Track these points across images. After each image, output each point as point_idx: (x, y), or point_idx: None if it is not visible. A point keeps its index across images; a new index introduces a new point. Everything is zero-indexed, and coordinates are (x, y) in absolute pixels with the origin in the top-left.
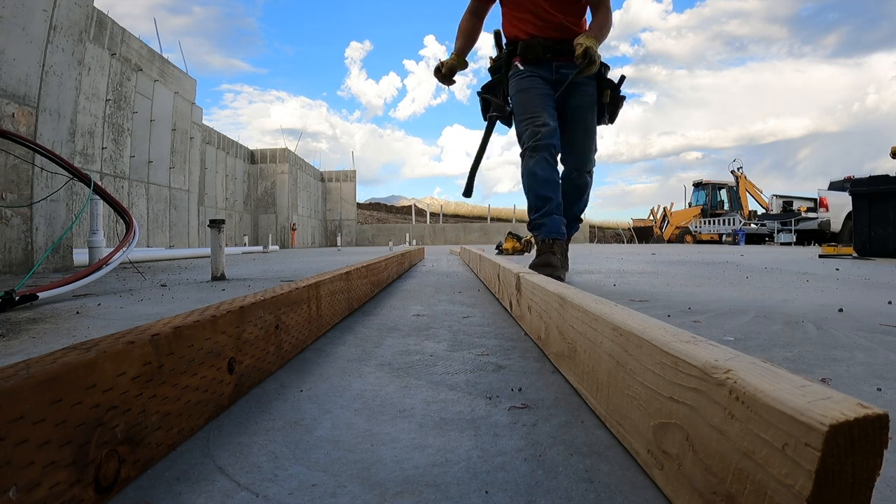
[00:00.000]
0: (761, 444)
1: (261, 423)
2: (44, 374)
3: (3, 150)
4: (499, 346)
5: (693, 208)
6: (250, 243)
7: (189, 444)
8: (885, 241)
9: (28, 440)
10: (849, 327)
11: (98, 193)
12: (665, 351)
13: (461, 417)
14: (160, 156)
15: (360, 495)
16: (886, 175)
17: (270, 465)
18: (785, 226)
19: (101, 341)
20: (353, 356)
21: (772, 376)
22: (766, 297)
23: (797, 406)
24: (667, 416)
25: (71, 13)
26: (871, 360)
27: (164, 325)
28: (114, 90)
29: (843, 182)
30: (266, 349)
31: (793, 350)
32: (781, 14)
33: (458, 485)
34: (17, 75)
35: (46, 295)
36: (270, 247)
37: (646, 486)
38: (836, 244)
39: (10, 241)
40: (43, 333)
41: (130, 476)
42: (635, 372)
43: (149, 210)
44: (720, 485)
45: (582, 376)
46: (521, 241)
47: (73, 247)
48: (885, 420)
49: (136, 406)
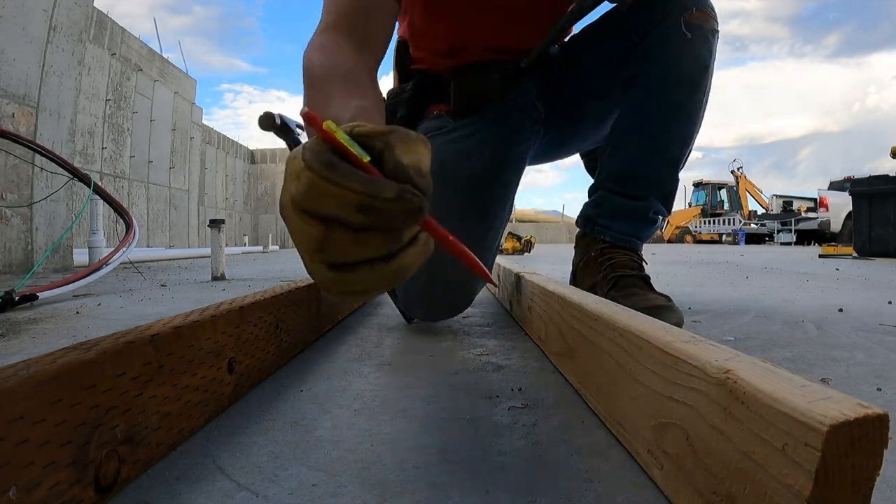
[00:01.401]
0: (761, 443)
1: (261, 423)
2: (44, 374)
3: (3, 150)
4: (499, 346)
5: (693, 208)
6: (250, 243)
7: (189, 444)
8: (885, 241)
9: (28, 440)
10: (849, 327)
11: (98, 193)
12: (665, 351)
13: (461, 417)
14: (160, 156)
15: (360, 495)
16: (886, 175)
17: (270, 465)
18: (785, 226)
19: (101, 341)
20: (354, 356)
21: (772, 376)
22: (766, 297)
23: (797, 406)
24: (667, 416)
25: (71, 13)
26: (870, 360)
27: (164, 325)
28: (114, 90)
29: (843, 182)
30: (266, 349)
31: (793, 350)
32: (782, 14)
33: (458, 485)
34: (17, 75)
35: (46, 295)
36: (270, 247)
37: (646, 486)
38: (836, 244)
39: (10, 241)
40: (43, 333)
41: (130, 476)
42: (635, 372)
43: (149, 210)
44: (720, 485)
45: (582, 376)
46: (521, 241)
47: (73, 247)
48: (885, 420)
49: (136, 406)
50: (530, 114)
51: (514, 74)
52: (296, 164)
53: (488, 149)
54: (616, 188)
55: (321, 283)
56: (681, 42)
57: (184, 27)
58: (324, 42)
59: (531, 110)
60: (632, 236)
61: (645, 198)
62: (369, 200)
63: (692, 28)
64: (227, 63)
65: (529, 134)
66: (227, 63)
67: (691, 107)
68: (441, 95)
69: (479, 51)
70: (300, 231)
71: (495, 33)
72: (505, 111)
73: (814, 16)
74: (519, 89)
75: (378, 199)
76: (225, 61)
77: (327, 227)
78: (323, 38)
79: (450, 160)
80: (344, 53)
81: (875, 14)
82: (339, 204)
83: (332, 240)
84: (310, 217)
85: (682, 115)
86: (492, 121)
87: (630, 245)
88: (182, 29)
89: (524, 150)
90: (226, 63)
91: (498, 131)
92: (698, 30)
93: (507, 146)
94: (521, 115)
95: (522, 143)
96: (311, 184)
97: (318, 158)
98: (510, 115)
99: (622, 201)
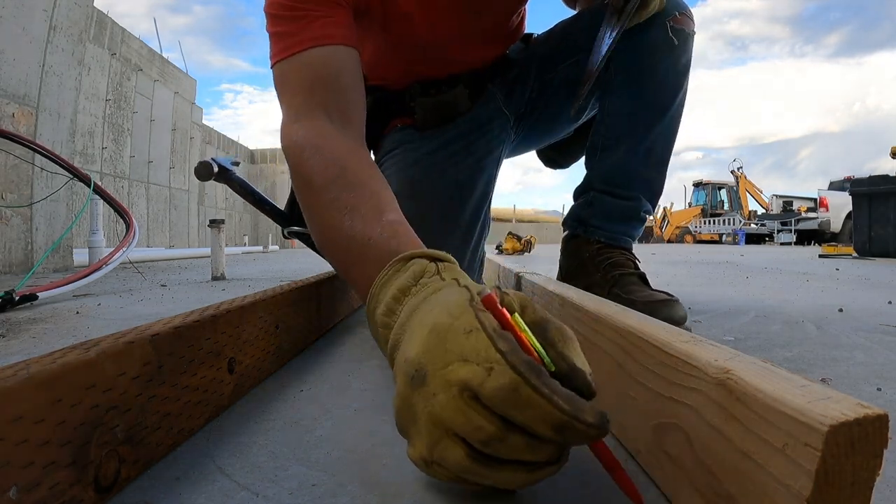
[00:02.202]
0: (761, 444)
1: (261, 423)
2: (44, 374)
3: (3, 150)
4: None
5: (693, 208)
6: (250, 243)
7: (189, 444)
8: (885, 241)
9: (28, 440)
10: (849, 327)
11: (98, 193)
12: (665, 351)
13: None
14: (160, 156)
15: (360, 495)
16: (886, 175)
17: (270, 465)
18: (785, 226)
19: (101, 341)
20: (354, 356)
21: (772, 376)
22: (766, 297)
23: (797, 406)
24: (667, 416)
25: (71, 13)
26: (870, 360)
27: (164, 325)
28: (114, 90)
29: (843, 182)
30: (266, 349)
31: (793, 350)
32: (783, 14)
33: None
34: (17, 75)
35: (46, 295)
36: (270, 247)
37: (646, 487)
38: (836, 244)
39: (10, 241)
40: (43, 333)
41: (130, 476)
42: (635, 372)
43: (149, 210)
44: (720, 485)
45: None
46: (521, 240)
47: (73, 247)
48: (885, 420)
49: (136, 406)
50: (499, 120)
51: (479, 83)
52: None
53: (461, 159)
54: (607, 189)
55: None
56: (668, 48)
57: (184, 26)
58: (305, 134)
59: (499, 117)
60: (625, 235)
61: (636, 198)
62: (571, 423)
63: (677, 33)
64: (227, 63)
65: (500, 139)
66: (227, 63)
67: (675, 109)
68: (403, 109)
69: (437, 70)
70: (467, 420)
71: (454, 60)
72: (473, 121)
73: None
74: (486, 96)
75: (579, 421)
76: (225, 61)
77: (508, 428)
78: (301, 128)
79: (422, 173)
80: (332, 143)
81: (876, 14)
82: (536, 417)
83: (507, 441)
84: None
85: (668, 118)
86: (461, 132)
87: (624, 244)
88: (182, 28)
89: (497, 156)
90: (226, 63)
91: (468, 142)
92: (682, 34)
93: (479, 156)
94: (490, 124)
95: (494, 150)
96: (515, 387)
97: (524, 361)
98: (479, 124)
99: (614, 202)
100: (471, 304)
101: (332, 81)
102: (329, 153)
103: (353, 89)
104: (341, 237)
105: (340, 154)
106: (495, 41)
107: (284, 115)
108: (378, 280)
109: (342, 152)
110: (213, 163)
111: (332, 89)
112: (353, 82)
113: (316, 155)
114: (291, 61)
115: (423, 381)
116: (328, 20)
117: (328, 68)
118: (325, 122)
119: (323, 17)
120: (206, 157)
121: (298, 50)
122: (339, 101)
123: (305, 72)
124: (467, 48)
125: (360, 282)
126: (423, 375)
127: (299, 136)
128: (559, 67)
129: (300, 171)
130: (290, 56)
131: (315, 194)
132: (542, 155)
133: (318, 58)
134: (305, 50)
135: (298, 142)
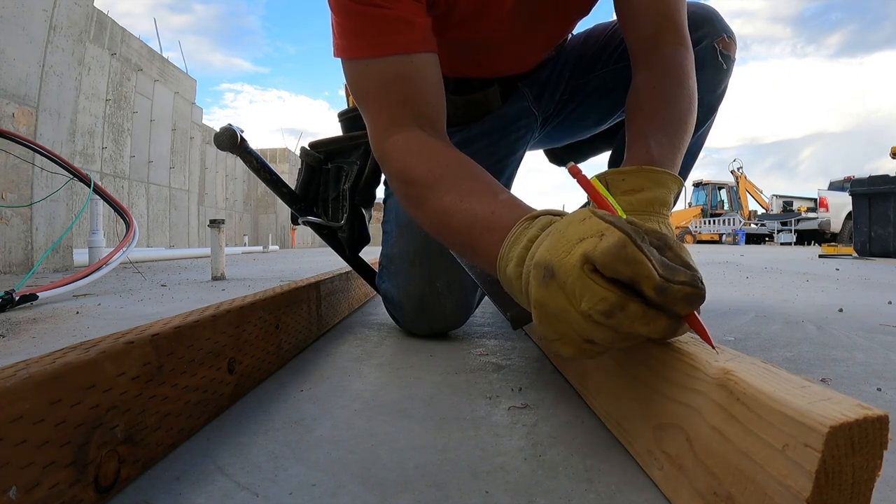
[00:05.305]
0: (761, 444)
1: (261, 423)
2: (44, 374)
3: (3, 150)
4: (499, 347)
5: (693, 208)
6: (250, 243)
7: (189, 444)
8: (885, 241)
9: (28, 440)
10: (849, 327)
11: (98, 193)
12: (665, 351)
13: (461, 417)
14: (160, 156)
15: (360, 495)
16: (886, 175)
17: (270, 465)
18: (785, 226)
19: (101, 341)
20: (354, 356)
21: (772, 377)
22: (766, 297)
23: (797, 407)
24: (667, 416)
25: (71, 13)
26: (870, 360)
27: (164, 325)
28: (114, 90)
29: (843, 182)
30: (266, 349)
31: (793, 350)
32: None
33: (458, 485)
34: (17, 75)
35: (46, 295)
36: (270, 247)
37: (646, 487)
38: (836, 244)
39: (10, 241)
40: (43, 333)
41: (130, 476)
42: (635, 372)
43: (149, 210)
44: (720, 485)
45: (582, 377)
46: None
47: (73, 247)
48: (885, 421)
49: (136, 406)
50: (526, 119)
51: (510, 81)
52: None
53: (487, 157)
54: None
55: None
56: (715, 70)
57: (184, 26)
58: (403, 145)
59: (527, 115)
60: None
61: None
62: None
63: (726, 58)
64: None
65: (525, 140)
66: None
67: (705, 129)
68: None
69: (476, 72)
70: (592, 294)
71: (494, 67)
72: (500, 119)
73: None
74: (516, 95)
75: (673, 280)
76: (225, 61)
77: (627, 297)
78: (399, 139)
79: None
80: (430, 147)
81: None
82: (641, 273)
83: (627, 310)
84: (606, 281)
85: (696, 136)
86: (485, 130)
87: None
88: (182, 28)
89: (520, 155)
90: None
91: (491, 141)
92: (728, 60)
93: (505, 153)
94: (517, 122)
95: (518, 149)
96: (623, 244)
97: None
98: (505, 123)
99: None
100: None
101: (419, 98)
102: (430, 155)
103: (435, 95)
104: (462, 217)
105: (440, 155)
106: (541, 53)
107: (375, 125)
108: (507, 240)
109: (441, 154)
110: (239, 131)
111: (420, 103)
112: (436, 89)
113: (420, 159)
114: (370, 64)
115: (553, 275)
116: (408, 24)
117: (415, 83)
118: (418, 132)
119: (401, 20)
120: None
121: (379, 54)
122: (426, 113)
123: (392, 84)
124: (514, 59)
125: (487, 250)
126: (551, 270)
127: (399, 147)
128: (593, 74)
129: (406, 174)
130: (368, 58)
131: (426, 188)
132: (550, 152)
133: (404, 69)
134: (387, 56)
135: (399, 151)
